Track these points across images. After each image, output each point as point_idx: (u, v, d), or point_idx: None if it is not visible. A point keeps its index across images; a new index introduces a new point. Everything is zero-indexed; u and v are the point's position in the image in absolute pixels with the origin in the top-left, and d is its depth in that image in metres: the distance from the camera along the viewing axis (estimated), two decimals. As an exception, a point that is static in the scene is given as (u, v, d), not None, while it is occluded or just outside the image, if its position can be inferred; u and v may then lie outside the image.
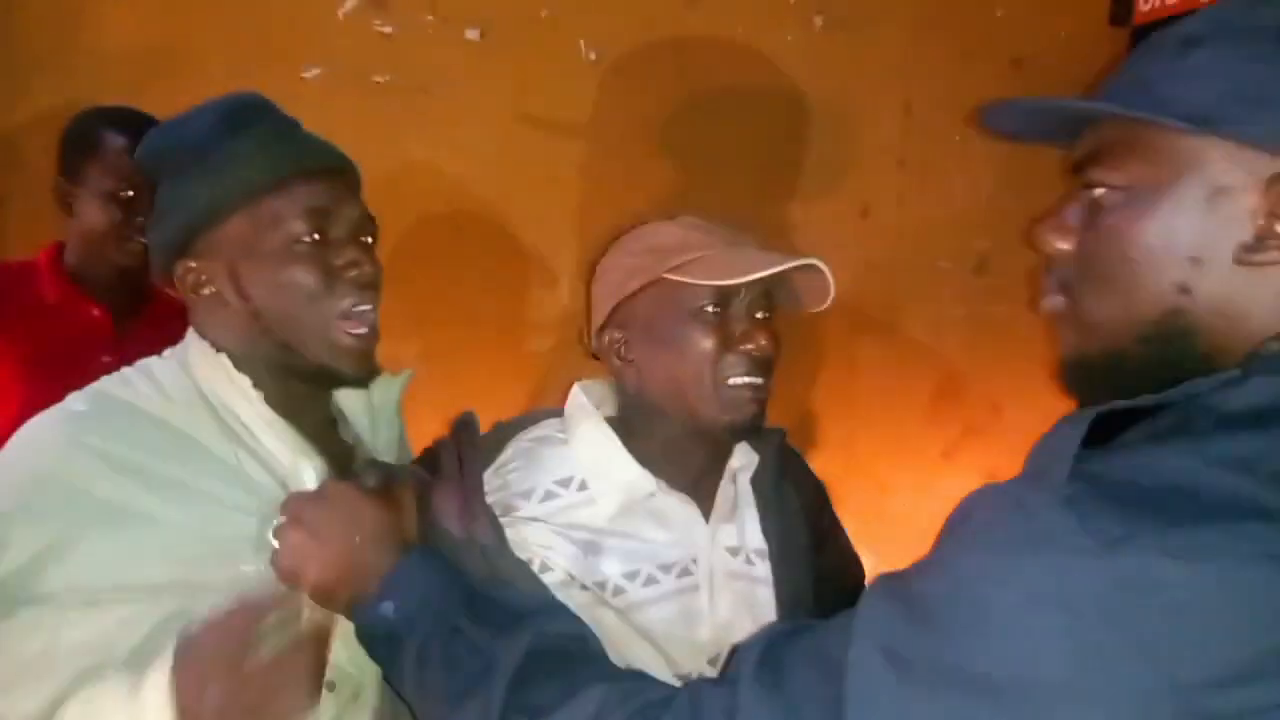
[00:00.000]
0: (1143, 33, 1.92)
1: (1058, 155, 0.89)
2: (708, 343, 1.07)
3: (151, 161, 1.06)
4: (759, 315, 1.10)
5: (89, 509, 0.93)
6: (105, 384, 1.03)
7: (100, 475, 0.94)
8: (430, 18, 1.72)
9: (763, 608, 1.14)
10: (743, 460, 1.19)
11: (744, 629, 1.11)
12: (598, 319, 1.18)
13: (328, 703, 1.00)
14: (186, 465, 0.97)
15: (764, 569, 1.16)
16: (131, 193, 1.54)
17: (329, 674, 0.99)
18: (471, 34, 1.73)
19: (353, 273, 1.00)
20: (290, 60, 1.71)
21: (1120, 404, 0.63)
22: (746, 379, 1.08)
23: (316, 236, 0.99)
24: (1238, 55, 0.63)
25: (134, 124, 1.53)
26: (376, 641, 0.92)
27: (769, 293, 1.12)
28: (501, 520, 1.08)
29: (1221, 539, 0.53)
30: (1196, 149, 0.64)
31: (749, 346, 1.07)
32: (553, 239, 1.84)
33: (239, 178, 0.99)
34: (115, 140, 1.55)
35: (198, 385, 1.03)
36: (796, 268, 1.09)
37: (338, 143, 1.13)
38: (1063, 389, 0.75)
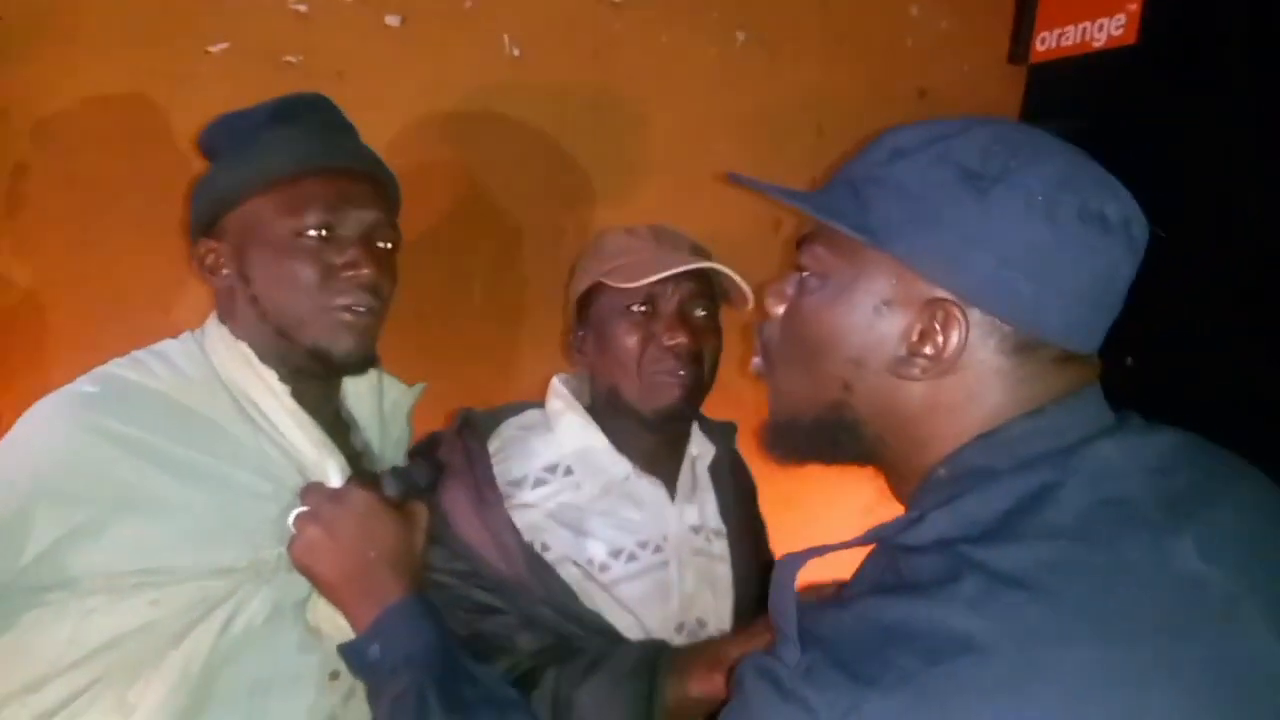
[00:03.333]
0: (1039, 72, 2.03)
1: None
2: (632, 339, 1.19)
3: (205, 145, 1.08)
4: (698, 313, 1.21)
5: (112, 492, 0.90)
6: (113, 367, 1.00)
7: (118, 458, 0.91)
8: (349, 0, 1.65)
9: (721, 582, 1.26)
10: (700, 448, 1.30)
11: (705, 601, 1.24)
12: (568, 317, 1.29)
13: (327, 693, 1.01)
14: (204, 448, 0.96)
15: (721, 547, 1.27)
16: None
17: (331, 664, 1.01)
18: (392, 20, 1.67)
19: (350, 273, 1.00)
20: (195, 33, 1.60)
21: (823, 549, 0.66)
22: (667, 371, 1.18)
23: (323, 232, 0.99)
24: (925, 179, 0.67)
25: None
26: (359, 670, 0.95)
27: (709, 293, 1.23)
28: None
29: (944, 684, 0.55)
30: (874, 259, 0.69)
31: (669, 342, 1.17)
32: (465, 236, 1.79)
33: (263, 164, 1.00)
34: None
35: (215, 370, 1.01)
36: (710, 271, 1.20)
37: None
38: (761, 449, 0.80)
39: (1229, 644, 0.57)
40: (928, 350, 0.66)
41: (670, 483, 1.25)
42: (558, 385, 1.28)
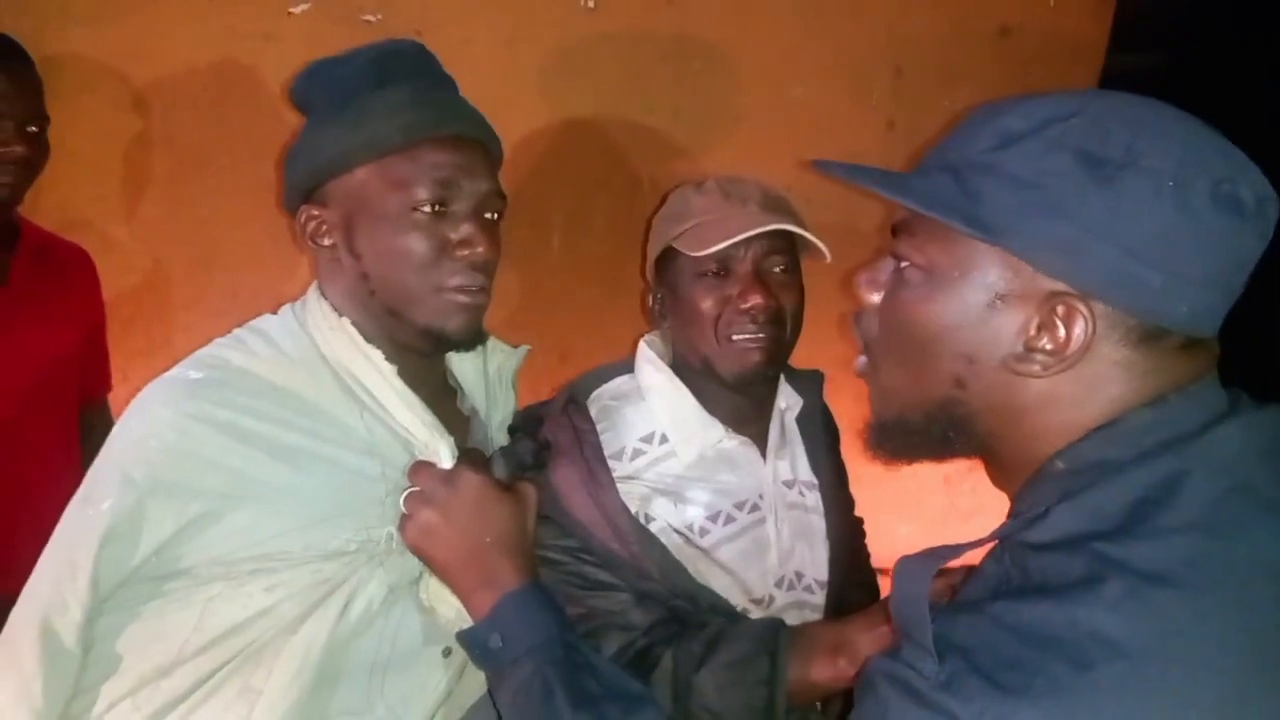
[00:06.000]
0: (1128, 3, 1.94)
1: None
2: (708, 303, 1.17)
3: (302, 98, 1.03)
4: (775, 270, 1.18)
5: (225, 483, 0.91)
6: (219, 348, 1.00)
7: (230, 448, 0.92)
8: (425, -44, 1.66)
9: (816, 535, 1.26)
10: (788, 401, 1.29)
11: (802, 555, 1.24)
12: (646, 278, 1.28)
13: (442, 669, 1.02)
14: (311, 432, 0.95)
15: (814, 499, 1.27)
16: None
17: (445, 641, 1.01)
18: (467, -25, 1.67)
19: (465, 252, 0.98)
20: (277, -7, 1.63)
21: (945, 552, 0.64)
22: (747, 334, 1.15)
23: (438, 207, 0.96)
24: (1041, 166, 0.63)
25: None
26: (479, 658, 0.96)
27: (786, 247, 1.19)
28: None
29: (1096, 692, 0.53)
30: (985, 252, 0.65)
31: (744, 305, 1.14)
32: (543, 188, 1.80)
33: (370, 132, 0.95)
34: None
35: (318, 348, 0.99)
36: (783, 228, 1.16)
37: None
38: (866, 449, 0.77)
39: None
40: (1047, 345, 0.64)
41: (761, 439, 1.23)
42: (645, 350, 1.26)
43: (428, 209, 0.96)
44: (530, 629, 0.92)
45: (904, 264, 0.71)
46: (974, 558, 0.70)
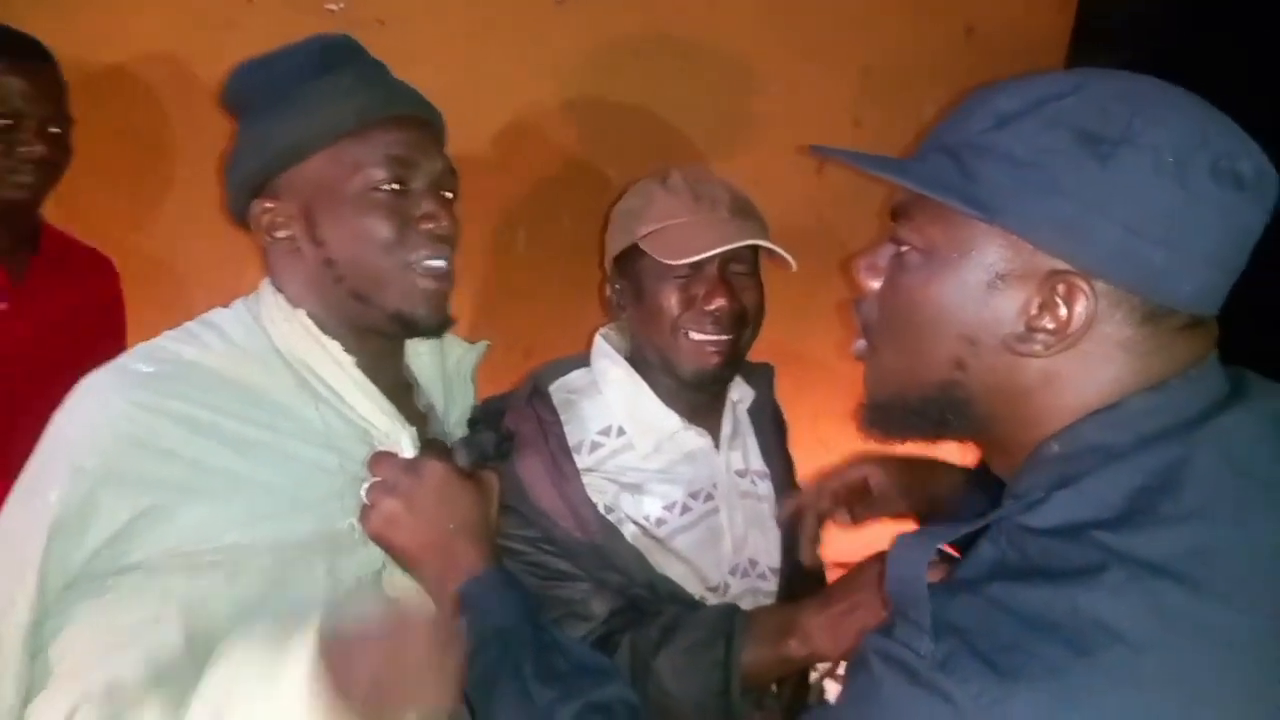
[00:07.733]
0: (1089, 5, 1.96)
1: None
2: (672, 301, 1.18)
3: (236, 98, 1.02)
4: (740, 270, 1.20)
5: (180, 474, 0.89)
6: (167, 341, 0.97)
7: (184, 439, 0.90)
8: (389, -54, 1.64)
9: (768, 523, 1.29)
10: (740, 393, 1.31)
11: (755, 542, 1.27)
12: (605, 269, 1.28)
13: None
14: (265, 425, 0.94)
15: (765, 488, 1.30)
16: (10, 120, 1.38)
17: None
18: (433, -34, 1.66)
19: (429, 225, 0.97)
20: (238, -18, 1.61)
21: (942, 533, 0.64)
22: (708, 335, 1.18)
23: (396, 186, 0.96)
24: (1037, 144, 0.63)
25: (6, 44, 1.40)
26: None
27: (751, 250, 1.21)
28: None
29: (1094, 677, 0.53)
30: (984, 232, 0.65)
31: (709, 306, 1.16)
32: (509, 183, 1.79)
33: (322, 118, 0.95)
34: None
35: (272, 341, 0.98)
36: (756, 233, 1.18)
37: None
38: (859, 429, 0.76)
39: None
40: (1048, 324, 0.63)
41: (714, 430, 1.26)
42: (602, 344, 1.27)
43: (387, 188, 0.96)
44: (496, 611, 0.92)
45: (903, 248, 0.71)
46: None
